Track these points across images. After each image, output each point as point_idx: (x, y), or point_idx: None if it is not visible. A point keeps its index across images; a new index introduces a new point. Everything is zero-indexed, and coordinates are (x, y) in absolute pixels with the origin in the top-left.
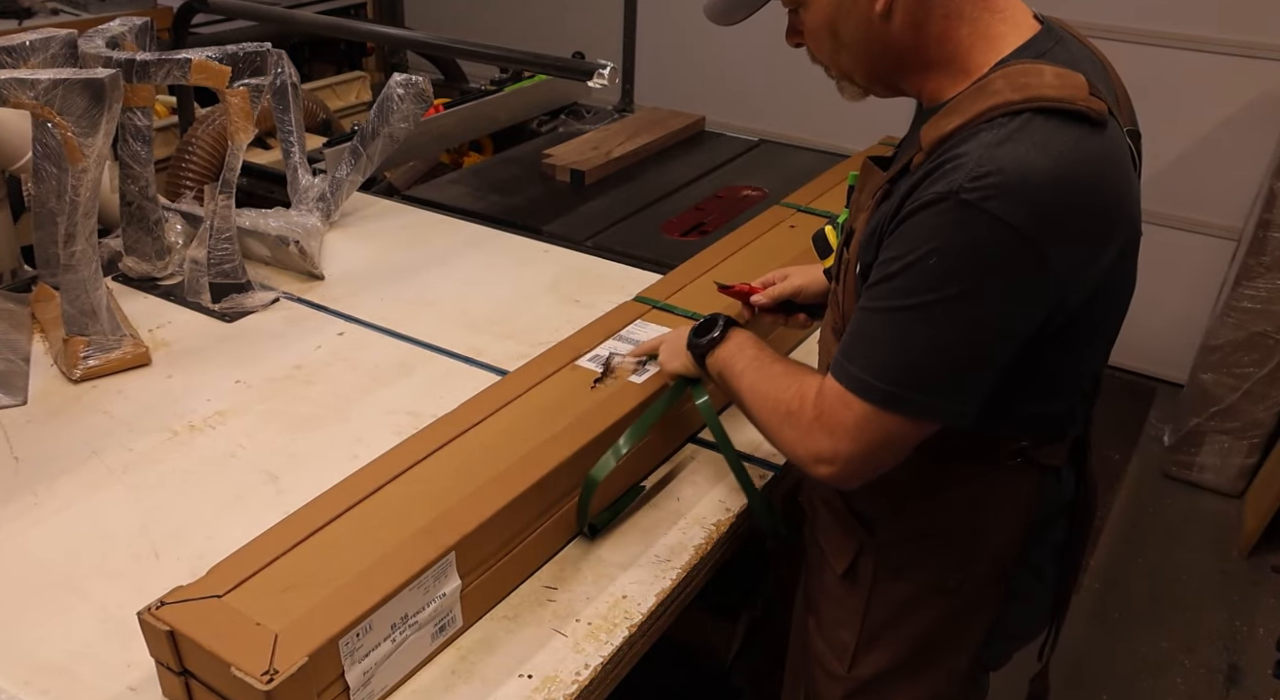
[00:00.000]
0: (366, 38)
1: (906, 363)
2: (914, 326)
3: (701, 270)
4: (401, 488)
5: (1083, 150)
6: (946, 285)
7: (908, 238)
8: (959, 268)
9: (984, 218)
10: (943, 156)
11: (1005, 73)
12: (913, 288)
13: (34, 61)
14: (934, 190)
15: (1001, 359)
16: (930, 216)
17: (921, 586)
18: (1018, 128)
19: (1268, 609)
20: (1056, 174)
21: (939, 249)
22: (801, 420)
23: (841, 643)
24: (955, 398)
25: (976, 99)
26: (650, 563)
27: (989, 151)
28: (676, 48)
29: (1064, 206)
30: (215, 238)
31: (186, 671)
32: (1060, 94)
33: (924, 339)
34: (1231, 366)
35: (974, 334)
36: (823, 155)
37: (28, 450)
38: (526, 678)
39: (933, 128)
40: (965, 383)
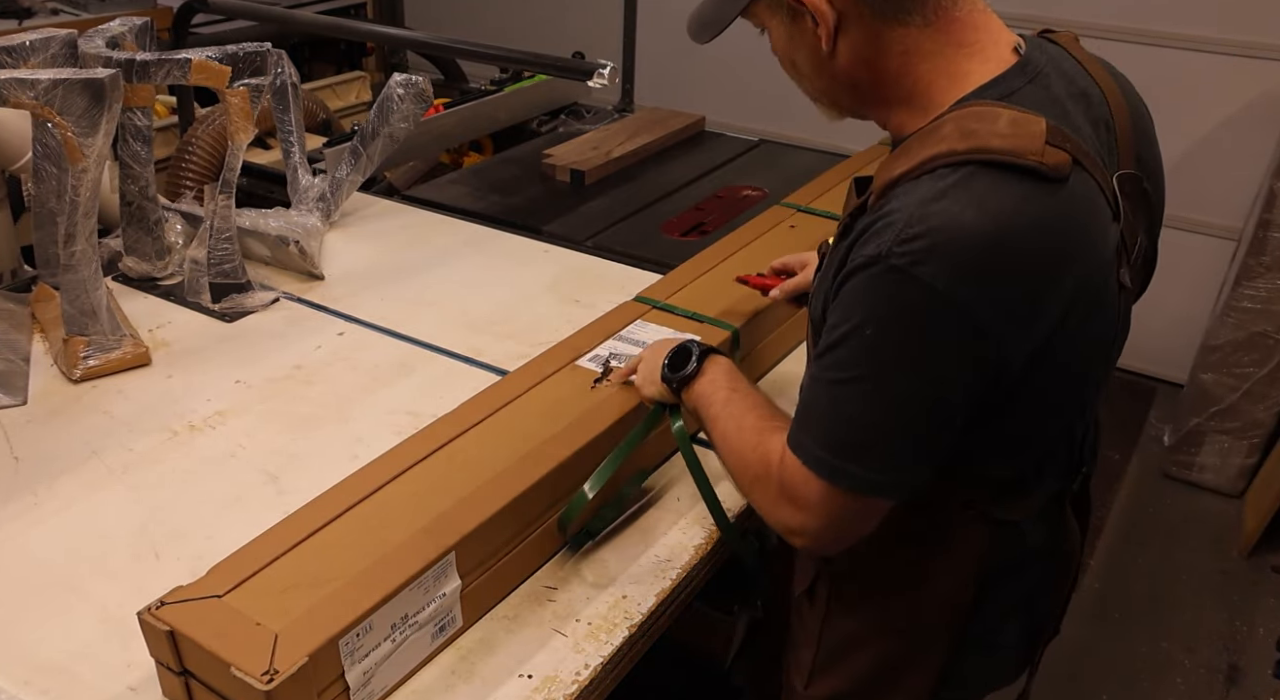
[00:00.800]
0: (366, 38)
1: (851, 438)
2: (855, 401)
3: (701, 270)
4: (401, 488)
5: (1024, 209)
6: (881, 357)
7: (845, 305)
8: (892, 338)
9: (913, 284)
10: (883, 208)
11: (956, 116)
12: (851, 360)
13: (34, 61)
14: (865, 253)
15: (947, 426)
16: (863, 281)
17: (869, 623)
18: (956, 182)
19: (1268, 609)
20: (990, 234)
21: (872, 319)
22: (769, 488)
23: (801, 660)
24: (902, 471)
25: (925, 144)
26: (650, 563)
27: (920, 209)
28: (676, 48)
29: (997, 268)
30: (215, 238)
31: (186, 671)
32: (1006, 145)
33: (865, 413)
34: (1231, 366)
35: (914, 406)
36: (823, 155)
37: (28, 450)
38: (526, 678)
39: (884, 170)
40: (911, 455)
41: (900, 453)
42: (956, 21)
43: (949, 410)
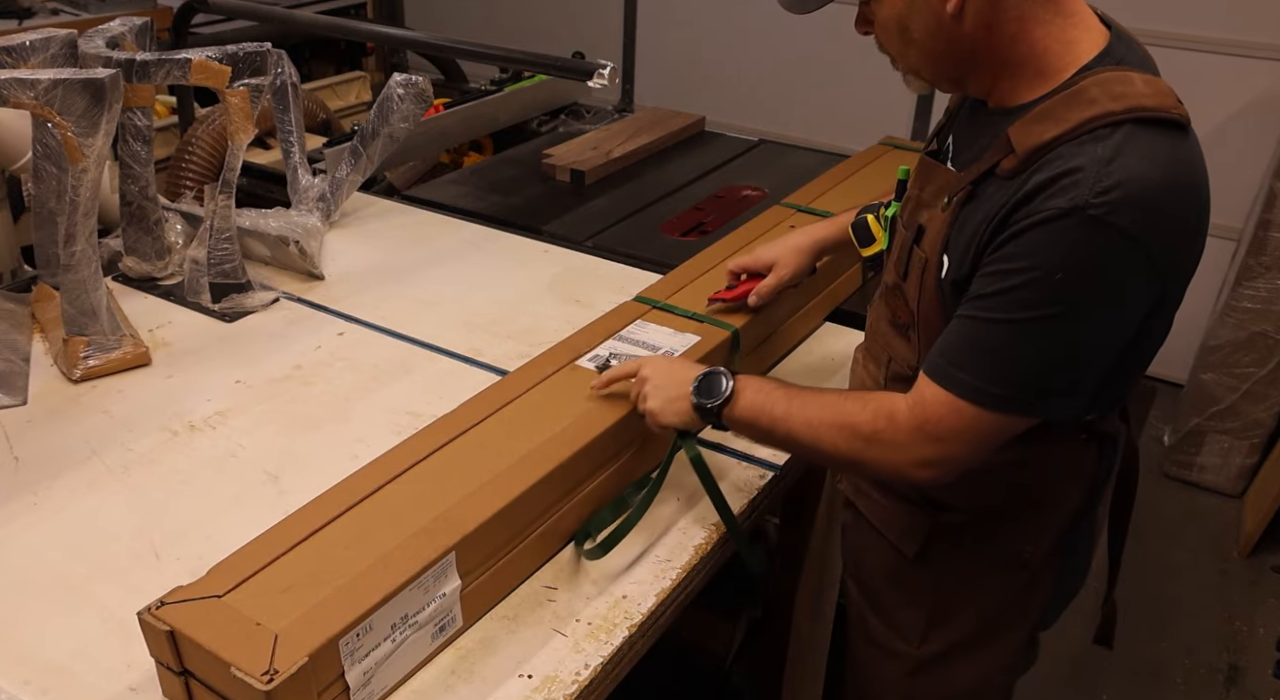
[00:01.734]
0: (366, 38)
1: (1028, 371)
2: (1037, 338)
3: (701, 270)
4: (401, 488)
5: (1180, 157)
6: (1073, 299)
7: (1030, 252)
8: (1085, 283)
9: (1111, 231)
10: (1051, 169)
11: (1098, 81)
12: (1037, 300)
13: (34, 61)
14: (1055, 205)
15: (1114, 358)
16: (1055, 232)
17: (991, 562)
18: (1123, 140)
19: (1268, 609)
20: (1167, 183)
21: (1066, 264)
22: (898, 436)
23: (907, 622)
24: (1071, 397)
25: (1072, 107)
26: (650, 563)
27: (1105, 166)
28: (676, 48)
29: (1175, 213)
30: (215, 238)
31: (186, 671)
32: (1156, 102)
33: (1047, 350)
34: (1231, 366)
35: (1095, 342)
36: (823, 155)
37: (28, 450)
38: (526, 678)
39: (1027, 134)
40: (1081, 384)
41: (1072, 382)
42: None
43: (1119, 344)
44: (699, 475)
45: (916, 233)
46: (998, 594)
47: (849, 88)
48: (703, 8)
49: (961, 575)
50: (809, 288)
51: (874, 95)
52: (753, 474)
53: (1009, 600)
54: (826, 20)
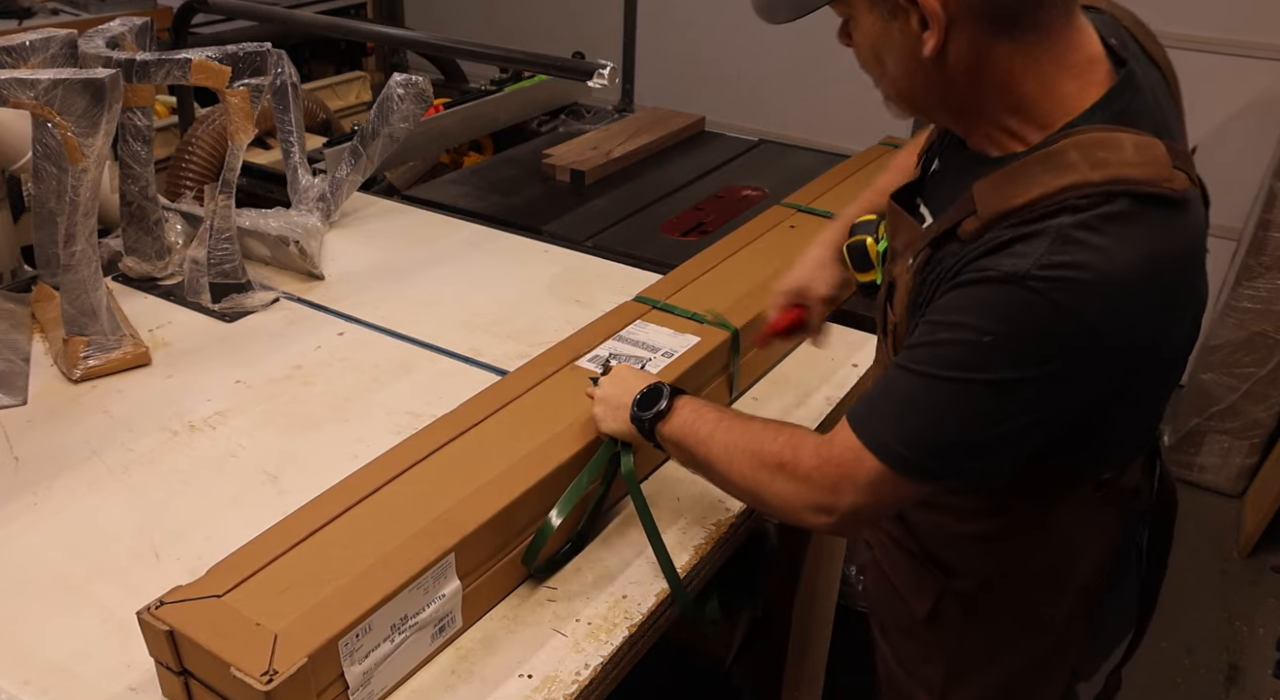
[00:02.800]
0: (366, 38)
1: (938, 434)
2: (955, 400)
3: (701, 270)
4: (401, 488)
5: (1164, 238)
6: (1000, 367)
7: (963, 308)
8: (1016, 354)
9: (1052, 308)
10: (1010, 233)
11: (1078, 143)
12: (961, 361)
13: (34, 61)
14: (1000, 267)
15: (1043, 435)
16: (992, 293)
17: (1010, 625)
18: (1096, 214)
19: (1268, 609)
20: (1134, 267)
21: (998, 331)
22: (798, 470)
23: (926, 676)
24: (986, 468)
25: (1047, 170)
26: (650, 563)
27: (1065, 238)
28: (676, 48)
29: (1138, 299)
30: (215, 238)
31: (186, 671)
32: (1142, 174)
33: (963, 414)
34: (1231, 366)
35: (1024, 417)
36: (823, 155)
37: (28, 450)
38: (526, 678)
39: (993, 197)
40: (999, 455)
41: (987, 451)
42: (1064, 41)
43: (1052, 421)
44: (631, 494)
45: (889, 289)
46: (1021, 655)
47: (849, 88)
48: (703, 8)
49: (978, 638)
50: None
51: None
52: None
53: (1033, 662)
54: (826, 21)
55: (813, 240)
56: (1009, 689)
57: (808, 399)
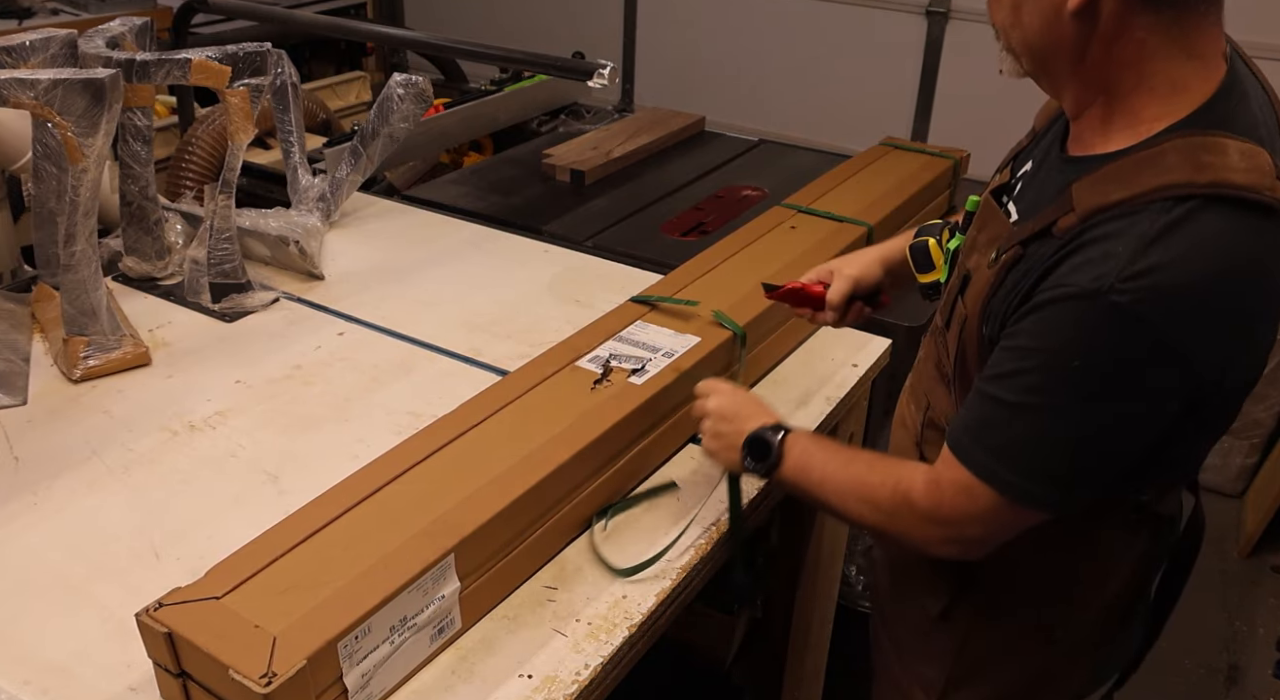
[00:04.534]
0: (366, 38)
1: (1046, 462)
2: (1051, 426)
3: (702, 270)
4: (401, 489)
5: (1254, 246)
6: (1089, 390)
7: (1047, 332)
8: (1103, 374)
9: (1135, 324)
10: (1094, 232)
11: (1182, 146)
12: (1052, 387)
13: (34, 61)
14: (1078, 283)
15: (1135, 454)
16: (1073, 312)
17: (1023, 632)
18: (1184, 217)
19: (1268, 609)
20: (1218, 276)
21: (1083, 353)
22: (916, 511)
23: (927, 677)
24: (1083, 490)
25: (1145, 171)
26: None
27: (1146, 246)
28: (676, 48)
29: (1219, 312)
30: (215, 238)
31: (184, 673)
32: (1246, 180)
33: (1060, 439)
34: None
35: (1112, 437)
36: (823, 155)
37: (28, 450)
38: (526, 678)
39: (1091, 194)
40: (1096, 478)
41: (1081, 478)
42: (1198, 29)
43: (1142, 440)
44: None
45: (963, 281)
46: (1027, 666)
47: (849, 88)
48: (703, 8)
49: (986, 643)
50: None
51: (874, 95)
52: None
53: (1035, 677)
54: (827, 20)
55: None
56: (1015, 695)
57: (808, 399)
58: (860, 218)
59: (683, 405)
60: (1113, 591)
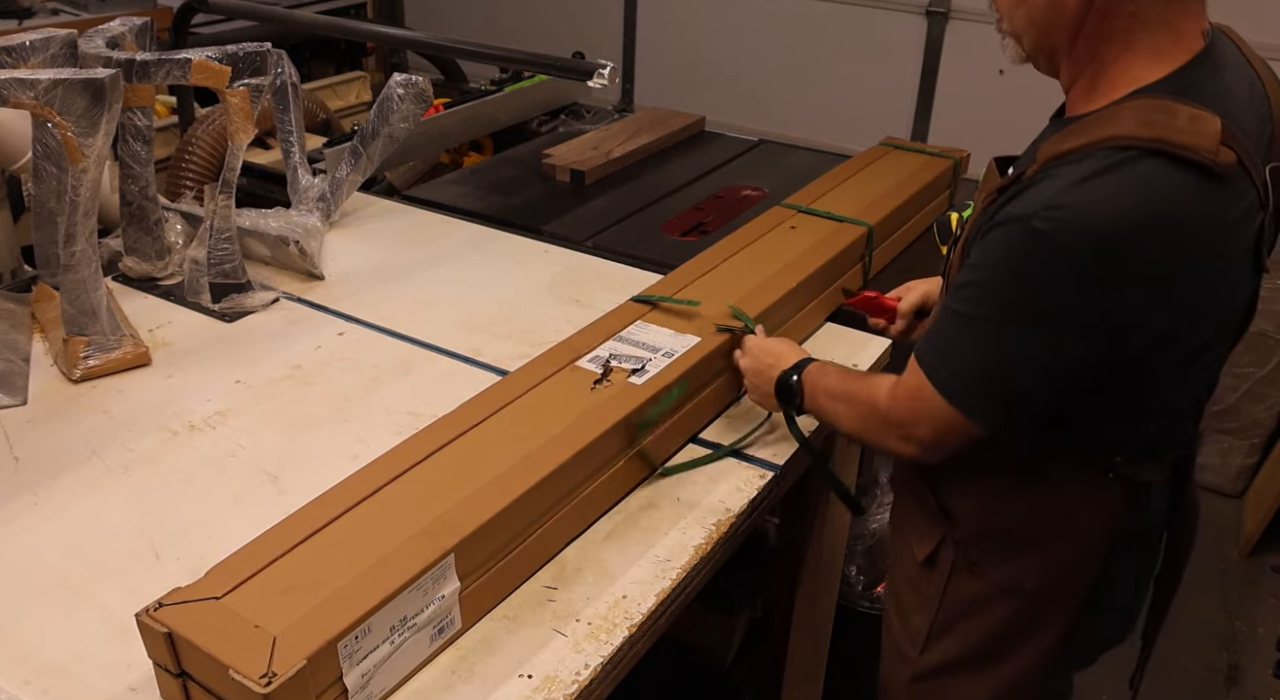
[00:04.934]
0: (366, 38)
1: (974, 368)
2: (974, 337)
3: (702, 270)
4: (401, 489)
5: (1181, 199)
6: (1006, 307)
7: (985, 251)
8: (1019, 293)
9: (1049, 249)
10: (1043, 174)
11: (1137, 106)
12: (980, 301)
13: (34, 61)
14: (1012, 210)
15: (1049, 382)
16: (1003, 235)
17: (996, 584)
18: (1120, 163)
19: (1268, 609)
20: (1137, 217)
21: (1004, 271)
22: (877, 410)
23: (915, 627)
24: (1006, 410)
25: (1101, 125)
26: (650, 563)
27: (1076, 184)
28: (676, 48)
29: (1133, 251)
30: (215, 238)
31: (184, 673)
32: (1186, 140)
33: (979, 350)
34: (1231, 366)
35: (1022, 357)
36: (823, 155)
37: (28, 450)
38: (526, 678)
39: (1052, 145)
40: (1017, 399)
41: (1003, 392)
42: (1183, 5)
43: (1054, 369)
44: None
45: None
46: (997, 620)
47: (849, 88)
48: (703, 8)
49: (963, 592)
50: (810, 288)
51: (874, 95)
52: (753, 474)
53: (1009, 629)
54: (826, 20)
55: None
56: (980, 653)
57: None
58: (860, 218)
59: (685, 404)
60: (1082, 551)
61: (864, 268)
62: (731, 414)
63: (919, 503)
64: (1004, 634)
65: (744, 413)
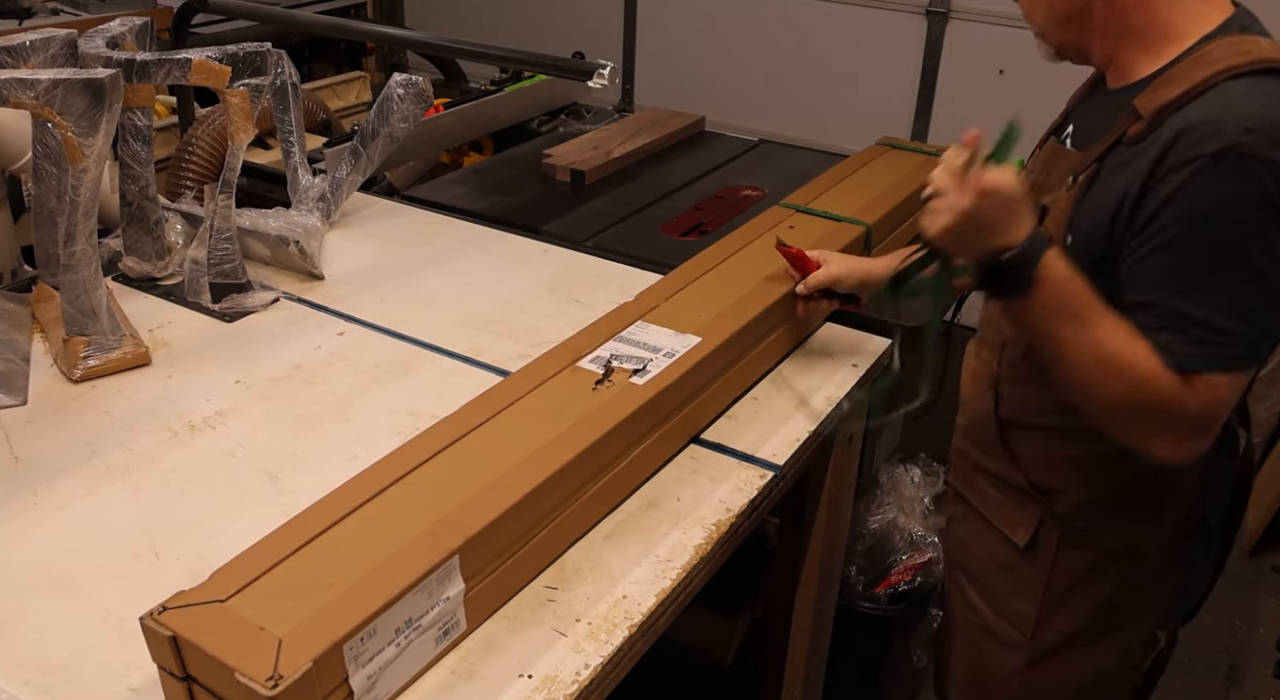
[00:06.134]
0: (366, 38)
1: (1242, 320)
2: (1243, 283)
3: (702, 270)
4: (405, 490)
5: None
6: (1247, 236)
7: (1192, 208)
8: (1261, 216)
9: (1266, 166)
10: (1182, 122)
11: (1223, 43)
12: (1226, 246)
13: (34, 61)
14: (1203, 150)
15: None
16: (1210, 177)
17: (1106, 552)
18: (1248, 86)
19: (1268, 609)
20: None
21: (1231, 203)
22: (1161, 400)
23: (1019, 612)
24: (1272, 340)
25: (1197, 67)
26: (650, 563)
27: (1246, 107)
28: (676, 48)
29: None
30: (215, 238)
31: (189, 677)
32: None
33: (1251, 290)
34: None
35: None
36: (823, 155)
37: (28, 450)
38: (527, 678)
39: (1153, 98)
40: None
41: (1275, 323)
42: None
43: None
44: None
45: (1041, 215)
46: (1112, 586)
47: (849, 88)
48: (703, 8)
49: (1073, 566)
50: None
51: (874, 95)
52: (753, 474)
53: (1124, 593)
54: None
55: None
56: (1099, 623)
57: (808, 399)
58: (858, 217)
59: (685, 405)
60: (1186, 502)
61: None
62: (733, 414)
63: (1003, 491)
64: (1119, 599)
65: (749, 412)
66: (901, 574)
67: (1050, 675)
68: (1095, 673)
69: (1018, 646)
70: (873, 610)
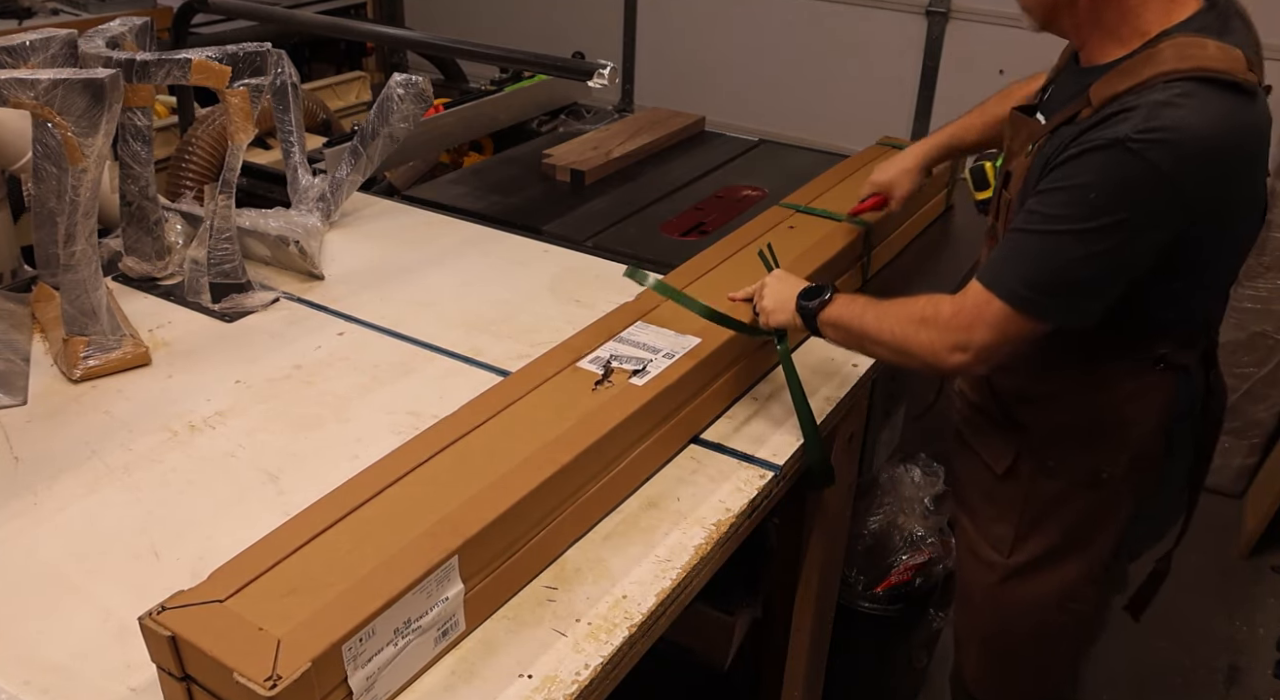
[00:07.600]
0: (366, 38)
1: (1047, 276)
2: (1061, 247)
3: (702, 270)
4: (404, 491)
5: (1234, 118)
6: (1098, 216)
7: (1070, 173)
8: (1112, 203)
9: (1142, 164)
10: (1110, 111)
11: (1171, 44)
12: (1067, 215)
13: (34, 61)
14: (1103, 136)
15: (1128, 273)
16: (1096, 157)
17: (1073, 481)
18: (1181, 92)
19: (1268, 609)
20: (1208, 135)
21: (1098, 185)
22: (939, 320)
23: (998, 534)
24: (1081, 306)
25: (1146, 65)
26: (650, 563)
27: (1155, 110)
28: (676, 48)
29: (1208, 163)
30: (215, 238)
31: (188, 677)
32: (1222, 66)
33: (1067, 257)
34: (1232, 366)
35: (1109, 258)
36: (823, 155)
37: (28, 450)
38: (527, 678)
39: (1105, 87)
40: (1093, 294)
41: (1084, 291)
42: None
43: (1134, 266)
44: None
45: (1005, 178)
46: (1078, 511)
47: (849, 88)
48: (703, 8)
49: (1045, 492)
50: None
51: (874, 95)
52: (753, 474)
53: (1089, 516)
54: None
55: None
56: (1067, 543)
57: (809, 399)
58: None
59: (685, 405)
60: (1144, 436)
61: (863, 267)
62: (733, 414)
63: (990, 421)
64: (1084, 524)
65: (749, 412)
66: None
67: (1021, 592)
68: (1061, 588)
69: (994, 565)
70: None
